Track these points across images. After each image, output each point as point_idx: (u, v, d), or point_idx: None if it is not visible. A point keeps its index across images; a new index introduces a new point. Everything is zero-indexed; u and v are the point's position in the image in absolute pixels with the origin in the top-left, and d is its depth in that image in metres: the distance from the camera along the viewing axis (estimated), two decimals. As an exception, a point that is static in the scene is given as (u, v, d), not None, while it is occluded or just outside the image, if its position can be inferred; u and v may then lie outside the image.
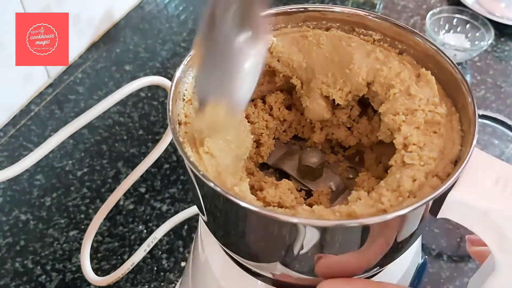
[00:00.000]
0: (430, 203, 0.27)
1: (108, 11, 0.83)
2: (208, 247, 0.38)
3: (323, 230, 0.27)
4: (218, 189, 0.27)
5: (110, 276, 0.50)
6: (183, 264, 0.57)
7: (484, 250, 0.34)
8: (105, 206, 0.48)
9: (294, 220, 0.26)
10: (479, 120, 0.67)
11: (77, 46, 0.80)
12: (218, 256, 0.37)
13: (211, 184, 0.27)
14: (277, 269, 0.31)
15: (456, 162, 0.29)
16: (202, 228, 0.40)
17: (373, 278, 0.34)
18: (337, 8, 0.36)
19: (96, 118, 0.44)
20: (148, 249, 0.54)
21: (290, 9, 0.36)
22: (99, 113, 0.43)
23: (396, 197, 0.28)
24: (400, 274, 0.37)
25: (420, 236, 0.41)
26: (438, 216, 0.29)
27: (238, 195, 0.28)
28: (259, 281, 0.35)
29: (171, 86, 0.31)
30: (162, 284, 0.55)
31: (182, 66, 0.32)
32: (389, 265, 0.34)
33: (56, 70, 0.76)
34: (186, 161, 0.28)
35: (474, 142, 0.28)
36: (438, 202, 0.28)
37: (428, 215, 0.29)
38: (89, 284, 0.55)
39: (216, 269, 0.37)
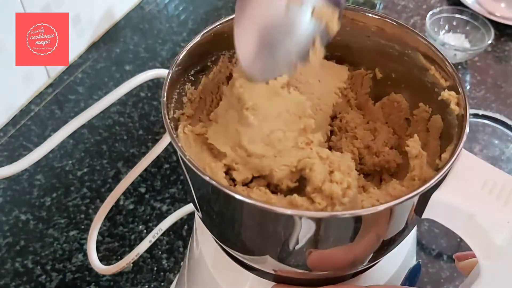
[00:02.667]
0: (415, 201, 0.27)
1: (108, 11, 0.83)
2: (202, 242, 0.39)
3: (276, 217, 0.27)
4: (191, 165, 0.27)
5: (115, 265, 0.50)
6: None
7: (471, 262, 0.33)
8: (117, 190, 0.48)
9: (248, 200, 0.26)
10: (479, 120, 0.68)
11: (77, 46, 0.80)
12: (211, 249, 0.37)
13: (187, 159, 0.27)
14: (268, 262, 0.31)
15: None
16: (197, 223, 0.40)
17: (362, 275, 0.34)
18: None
19: (96, 118, 0.44)
20: (153, 240, 0.53)
21: None
22: (105, 106, 0.43)
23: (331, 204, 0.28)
24: (390, 273, 0.37)
25: (415, 238, 0.41)
26: (423, 217, 0.29)
27: (210, 172, 0.29)
28: (252, 274, 0.35)
29: (170, 69, 0.32)
30: (162, 284, 0.55)
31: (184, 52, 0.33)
32: (379, 263, 0.34)
33: (56, 70, 0.76)
34: (170, 137, 0.29)
35: (462, 144, 0.28)
36: (423, 202, 0.28)
37: (414, 215, 0.29)
38: (89, 284, 0.55)
39: (210, 262, 0.37)
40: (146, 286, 0.55)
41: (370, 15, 0.36)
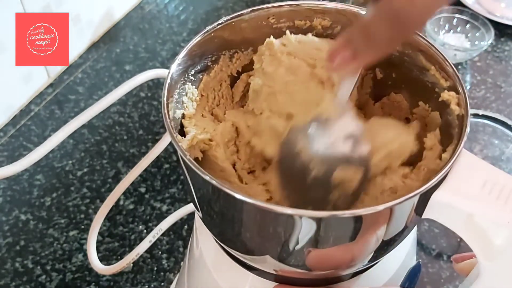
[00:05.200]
0: (415, 201, 0.27)
1: (108, 11, 0.83)
2: (202, 241, 0.39)
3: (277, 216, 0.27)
4: (191, 165, 0.27)
5: (115, 265, 0.50)
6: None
7: (469, 263, 0.33)
8: (117, 189, 0.48)
9: (248, 200, 0.26)
10: (479, 120, 0.68)
11: (77, 46, 0.80)
12: (211, 249, 0.37)
13: (187, 159, 0.27)
14: (268, 261, 0.31)
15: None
16: (197, 223, 0.40)
17: (362, 275, 0.34)
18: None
19: (96, 118, 0.44)
20: (153, 240, 0.53)
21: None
22: (105, 106, 0.43)
23: None
24: (390, 273, 0.37)
25: (415, 238, 0.41)
26: (423, 216, 0.29)
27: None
28: (252, 274, 0.35)
29: (170, 69, 0.32)
30: (162, 284, 0.55)
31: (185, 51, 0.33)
32: (379, 262, 0.34)
33: (56, 70, 0.76)
34: (170, 137, 0.29)
35: (462, 144, 0.28)
36: (422, 202, 0.28)
37: (414, 215, 0.29)
38: (89, 284, 0.55)
39: (210, 262, 0.37)
40: (146, 286, 0.55)
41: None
